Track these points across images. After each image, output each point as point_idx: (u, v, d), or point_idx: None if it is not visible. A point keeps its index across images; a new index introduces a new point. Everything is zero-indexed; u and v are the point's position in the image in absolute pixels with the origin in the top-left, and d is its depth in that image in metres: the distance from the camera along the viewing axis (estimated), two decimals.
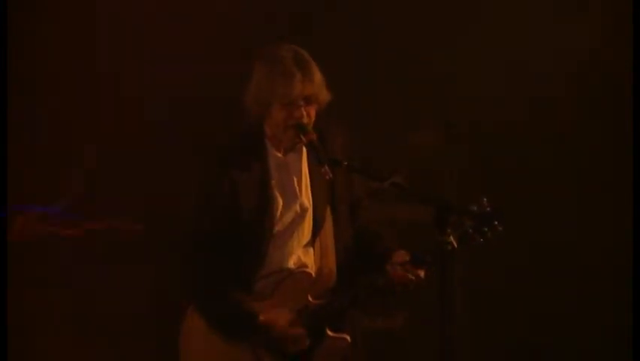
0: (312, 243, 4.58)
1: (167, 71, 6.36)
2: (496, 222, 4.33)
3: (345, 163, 4.43)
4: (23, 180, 6.25)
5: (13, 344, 5.77)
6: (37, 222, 6.24)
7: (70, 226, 6.31)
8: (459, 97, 6.50)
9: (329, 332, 4.50)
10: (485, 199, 4.34)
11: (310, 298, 4.51)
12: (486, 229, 4.34)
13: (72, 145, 6.42)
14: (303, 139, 4.45)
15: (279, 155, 4.57)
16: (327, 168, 4.39)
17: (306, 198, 4.56)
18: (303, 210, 4.56)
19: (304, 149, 4.54)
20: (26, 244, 6.19)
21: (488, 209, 4.33)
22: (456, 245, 4.25)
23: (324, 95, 4.48)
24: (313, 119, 4.49)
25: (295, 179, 4.56)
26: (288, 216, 4.53)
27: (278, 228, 4.51)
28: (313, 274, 4.53)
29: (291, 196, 4.55)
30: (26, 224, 6.08)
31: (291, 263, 4.53)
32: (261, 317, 4.43)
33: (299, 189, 4.56)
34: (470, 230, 4.35)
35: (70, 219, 6.32)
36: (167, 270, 4.75)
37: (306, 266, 4.55)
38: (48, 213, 6.19)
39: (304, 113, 4.44)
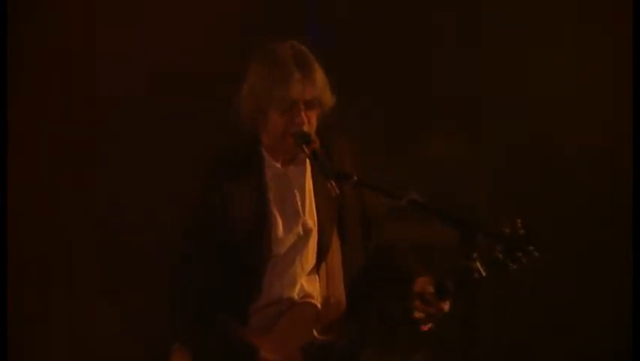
0: (316, 269, 4.31)
1: (161, 75, 6.27)
2: (531, 248, 4.01)
3: (355, 178, 4.13)
4: (23, 182, 6.24)
5: (12, 343, 5.83)
6: None
7: None
8: (487, 106, 6.38)
9: None
10: (520, 221, 4.02)
11: (316, 334, 4.24)
12: (520, 255, 4.01)
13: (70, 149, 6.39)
14: (305, 149, 4.15)
15: (278, 165, 4.29)
16: (333, 182, 4.09)
17: (310, 218, 4.29)
18: (307, 231, 4.28)
19: (308, 161, 4.27)
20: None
21: (522, 232, 4.01)
22: (484, 273, 3.97)
23: (328, 99, 4.19)
24: (315, 125, 4.20)
25: (297, 195, 4.28)
26: (289, 238, 4.26)
27: (277, 251, 4.25)
28: (319, 305, 4.27)
29: (293, 214, 4.27)
30: None
31: (293, 293, 4.28)
32: (261, 353, 4.20)
33: (302, 207, 4.28)
34: (501, 256, 4.03)
35: None
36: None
37: (310, 296, 4.28)
38: None
39: (305, 119, 4.15)
